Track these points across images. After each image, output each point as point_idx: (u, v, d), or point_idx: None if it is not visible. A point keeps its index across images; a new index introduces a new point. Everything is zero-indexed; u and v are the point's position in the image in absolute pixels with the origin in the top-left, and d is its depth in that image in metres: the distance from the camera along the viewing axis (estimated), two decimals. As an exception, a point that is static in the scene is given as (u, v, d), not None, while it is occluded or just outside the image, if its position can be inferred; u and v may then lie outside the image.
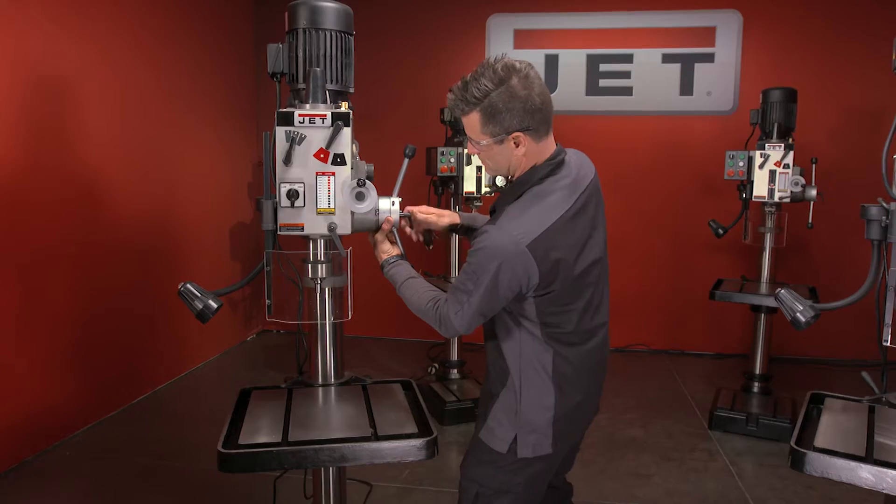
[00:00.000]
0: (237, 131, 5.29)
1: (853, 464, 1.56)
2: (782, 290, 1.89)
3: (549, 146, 1.66)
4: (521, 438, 1.69)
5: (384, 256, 1.86)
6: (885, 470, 1.52)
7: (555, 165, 1.65)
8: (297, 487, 2.35)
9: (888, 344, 1.73)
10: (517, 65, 1.57)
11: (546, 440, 1.69)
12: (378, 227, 1.85)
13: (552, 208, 1.59)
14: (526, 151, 1.61)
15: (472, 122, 1.62)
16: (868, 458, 1.58)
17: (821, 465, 1.59)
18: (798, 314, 1.83)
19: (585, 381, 1.74)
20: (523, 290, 1.57)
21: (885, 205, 1.74)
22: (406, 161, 1.81)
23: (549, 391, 1.68)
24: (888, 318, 1.72)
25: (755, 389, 3.95)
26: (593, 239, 1.67)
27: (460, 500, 1.83)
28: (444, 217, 1.96)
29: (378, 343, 5.40)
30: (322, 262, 1.88)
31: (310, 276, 1.89)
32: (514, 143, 1.59)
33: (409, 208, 1.92)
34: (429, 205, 3.86)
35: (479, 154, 1.68)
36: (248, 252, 5.42)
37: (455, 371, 4.19)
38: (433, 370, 4.34)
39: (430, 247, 4.00)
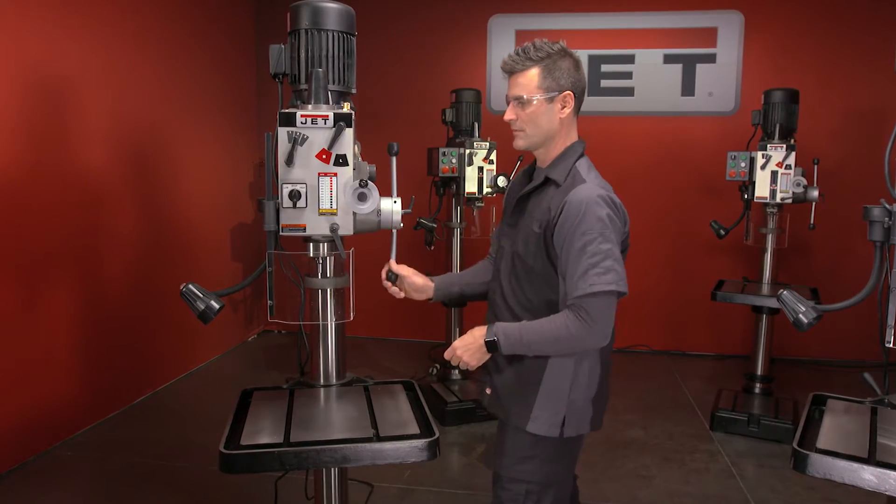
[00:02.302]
0: (238, 131, 5.29)
1: (855, 465, 1.55)
2: (785, 292, 1.88)
3: (576, 129, 1.80)
4: (568, 419, 1.73)
5: (481, 338, 1.71)
6: (887, 471, 1.52)
7: (584, 147, 1.79)
8: (299, 488, 2.35)
9: (890, 345, 1.73)
10: (570, 49, 1.75)
11: (586, 417, 1.76)
12: (378, 228, 1.85)
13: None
14: (566, 117, 1.73)
15: (528, 78, 1.70)
16: (870, 459, 1.58)
17: (823, 466, 1.59)
18: (800, 315, 1.83)
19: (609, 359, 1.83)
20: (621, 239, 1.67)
21: (887, 206, 1.74)
22: (393, 159, 1.80)
23: (596, 369, 1.75)
24: (890, 320, 1.72)
25: (756, 390, 3.95)
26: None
27: (500, 499, 1.84)
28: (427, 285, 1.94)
29: (379, 344, 5.40)
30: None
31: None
32: (562, 104, 1.71)
33: (394, 268, 1.88)
34: (430, 205, 3.91)
35: (519, 119, 1.73)
36: (250, 252, 5.42)
37: (456, 372, 4.19)
38: (434, 371, 4.34)
39: (432, 247, 4.02)
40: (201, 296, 1.78)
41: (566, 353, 1.69)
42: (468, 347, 1.72)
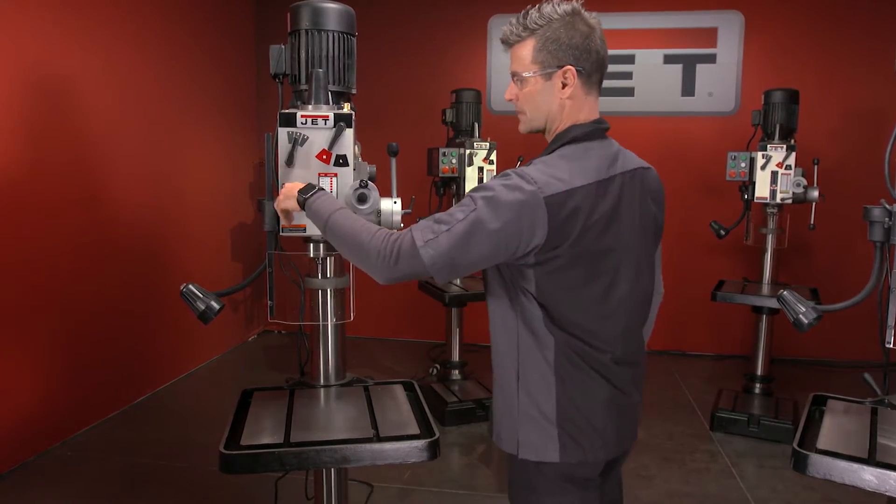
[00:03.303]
0: (238, 131, 5.29)
1: (855, 466, 1.56)
2: (785, 292, 1.88)
3: (592, 110, 1.51)
4: (522, 439, 1.49)
5: (295, 190, 1.62)
6: (887, 472, 1.52)
7: (597, 129, 1.50)
8: (299, 488, 2.35)
9: (890, 346, 1.73)
10: (587, 13, 1.46)
11: (549, 442, 1.46)
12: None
13: (592, 170, 1.42)
14: (571, 95, 1.46)
15: (523, 51, 1.45)
16: (870, 460, 1.58)
17: (823, 467, 1.59)
18: (801, 315, 1.83)
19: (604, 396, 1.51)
20: (518, 249, 1.36)
21: (887, 206, 1.74)
22: (393, 159, 1.80)
23: (549, 382, 1.45)
24: (890, 321, 1.72)
25: (756, 390, 3.95)
26: (623, 228, 1.47)
27: None
28: None
29: (379, 344, 5.40)
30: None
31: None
32: (563, 82, 1.45)
33: None
34: (430, 205, 3.91)
35: (517, 99, 1.51)
36: (250, 252, 5.42)
37: (456, 372, 4.19)
38: (434, 371, 4.34)
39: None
40: (201, 296, 1.78)
41: (349, 256, 1.49)
42: (289, 191, 1.64)
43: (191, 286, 1.79)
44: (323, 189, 1.62)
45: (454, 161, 3.86)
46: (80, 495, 3.01)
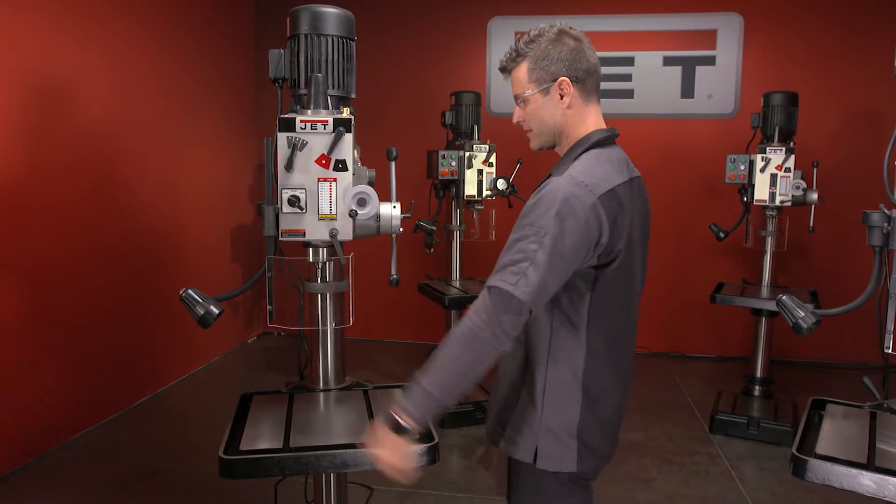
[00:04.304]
0: (238, 134, 5.29)
1: (854, 471, 1.56)
2: (784, 297, 1.89)
3: (597, 117, 1.59)
4: (541, 449, 1.52)
5: (393, 446, 1.43)
6: (886, 477, 1.52)
7: (610, 135, 1.57)
8: (299, 491, 2.35)
9: (889, 351, 1.73)
10: (571, 29, 1.56)
11: (569, 453, 1.52)
12: (378, 233, 1.85)
13: (617, 172, 1.50)
14: (571, 104, 1.53)
15: (519, 73, 1.55)
16: (869, 465, 1.58)
17: (822, 472, 1.59)
18: (799, 320, 1.83)
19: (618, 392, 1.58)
20: (589, 252, 1.41)
21: (886, 211, 1.74)
22: (392, 164, 1.80)
23: (575, 397, 1.50)
24: (890, 326, 1.72)
25: (756, 393, 3.95)
26: (636, 226, 1.55)
27: None
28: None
29: (378, 346, 5.40)
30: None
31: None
32: (560, 94, 1.52)
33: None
34: (429, 207, 3.91)
35: (524, 119, 1.59)
36: (249, 254, 5.42)
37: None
38: (434, 373, 4.33)
39: (431, 250, 4.01)
40: (201, 301, 1.78)
41: (475, 356, 1.39)
42: (386, 448, 1.42)
43: (190, 291, 1.80)
44: (400, 407, 1.41)
45: (454, 163, 3.86)
46: (80, 498, 3.01)
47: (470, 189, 3.89)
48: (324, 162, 1.74)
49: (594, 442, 1.54)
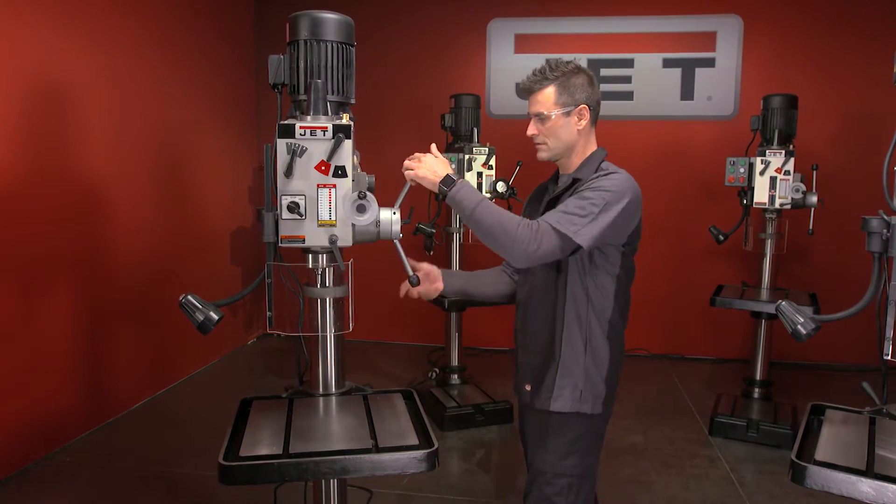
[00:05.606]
0: (237, 136, 5.29)
1: (853, 478, 1.55)
2: (783, 303, 1.88)
3: (595, 138, 1.95)
4: (584, 393, 1.88)
5: (441, 173, 1.78)
6: (885, 484, 1.52)
7: (606, 155, 1.94)
8: (298, 495, 2.35)
9: (889, 357, 1.73)
10: (585, 68, 1.92)
11: (600, 396, 1.90)
12: (377, 239, 1.85)
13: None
14: (584, 128, 1.88)
15: (546, 96, 1.86)
16: (868, 471, 1.58)
17: (821, 479, 1.59)
18: (799, 326, 1.82)
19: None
20: (629, 228, 1.83)
21: (885, 217, 1.74)
22: (408, 184, 1.84)
23: (605, 348, 1.89)
24: (889, 332, 1.72)
25: (756, 395, 3.96)
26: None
27: (545, 493, 1.94)
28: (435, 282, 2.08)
29: (378, 347, 5.40)
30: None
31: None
32: (578, 116, 1.87)
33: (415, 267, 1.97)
34: (429, 210, 3.91)
35: (540, 132, 1.89)
36: (249, 256, 5.43)
37: (455, 376, 4.19)
38: (434, 375, 4.35)
39: (431, 252, 4.02)
40: (200, 307, 1.78)
41: (491, 241, 1.73)
42: (430, 166, 1.79)
43: (189, 297, 1.79)
44: (463, 180, 1.80)
45: (453, 166, 3.85)
46: (80, 501, 3.01)
47: (469, 191, 3.89)
48: (323, 168, 1.74)
49: (615, 386, 1.95)
